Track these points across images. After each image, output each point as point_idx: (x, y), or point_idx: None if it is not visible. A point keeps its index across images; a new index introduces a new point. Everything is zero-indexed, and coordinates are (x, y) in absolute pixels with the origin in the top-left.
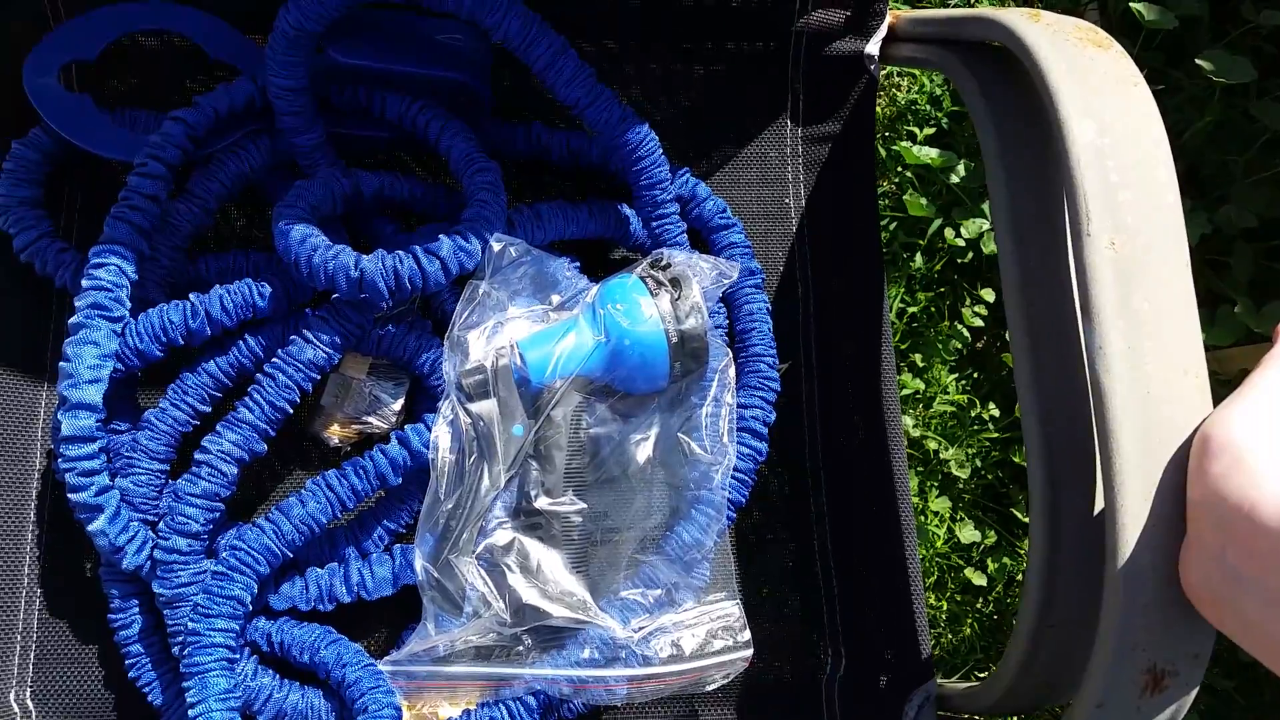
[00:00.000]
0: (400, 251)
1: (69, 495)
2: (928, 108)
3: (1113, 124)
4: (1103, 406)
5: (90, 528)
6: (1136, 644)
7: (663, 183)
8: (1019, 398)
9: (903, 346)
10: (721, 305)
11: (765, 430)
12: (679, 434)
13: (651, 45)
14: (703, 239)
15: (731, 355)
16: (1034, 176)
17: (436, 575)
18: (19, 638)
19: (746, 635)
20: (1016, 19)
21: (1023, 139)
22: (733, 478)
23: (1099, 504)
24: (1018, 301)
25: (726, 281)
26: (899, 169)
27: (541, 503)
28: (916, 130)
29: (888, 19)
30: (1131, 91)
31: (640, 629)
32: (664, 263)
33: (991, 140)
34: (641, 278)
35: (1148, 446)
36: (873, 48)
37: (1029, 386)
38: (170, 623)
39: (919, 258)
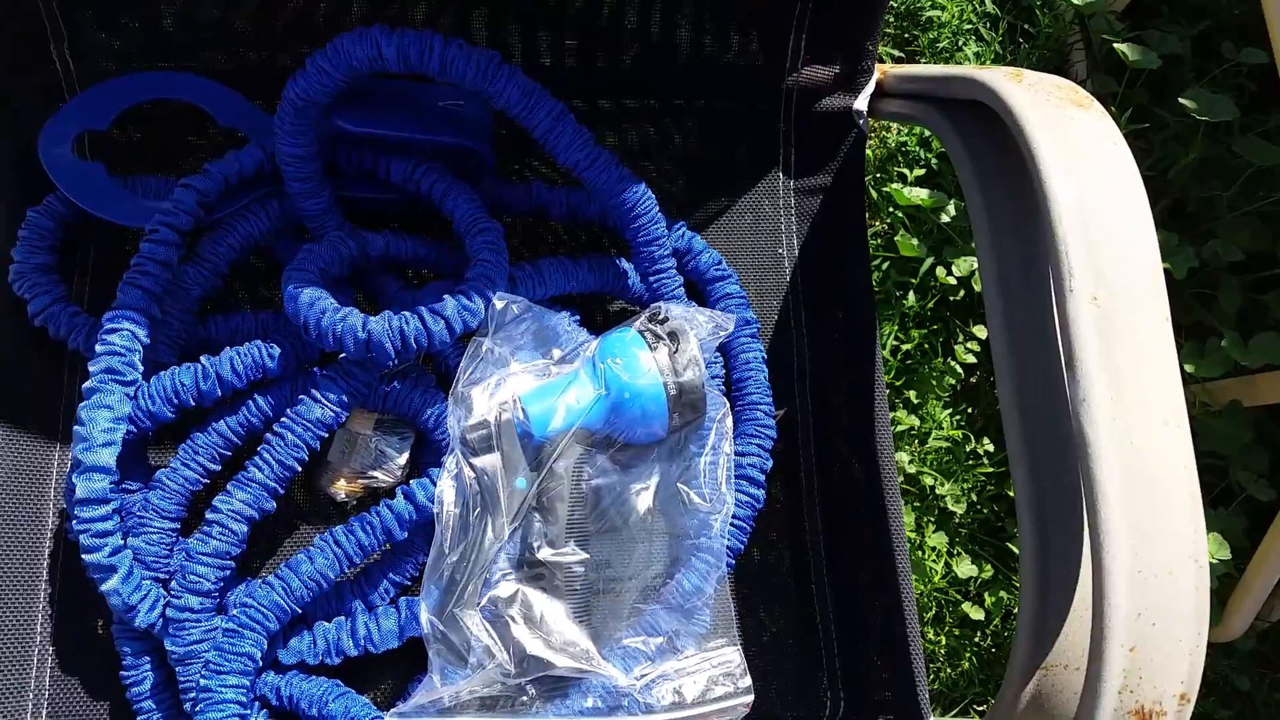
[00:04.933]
0: (406, 313)
1: (83, 556)
2: (918, 149)
3: (1093, 183)
4: (1087, 456)
5: (104, 587)
6: (1125, 686)
7: (659, 239)
8: (1007, 444)
9: (897, 383)
10: (719, 355)
11: (763, 478)
12: (678, 484)
13: (646, 103)
14: (699, 289)
15: (729, 405)
16: (1018, 230)
17: (442, 628)
18: (31, 694)
19: (747, 681)
20: (999, 79)
21: (1007, 194)
22: (731, 525)
23: (1087, 547)
24: (1005, 351)
25: (723, 334)
26: (890, 209)
27: (544, 554)
28: (907, 172)
29: (876, 75)
30: (1111, 150)
31: (642, 677)
32: (662, 317)
33: (976, 195)
34: (640, 332)
35: (1131, 494)
36: (861, 103)
37: (1017, 434)
38: (182, 679)
39: (911, 296)
